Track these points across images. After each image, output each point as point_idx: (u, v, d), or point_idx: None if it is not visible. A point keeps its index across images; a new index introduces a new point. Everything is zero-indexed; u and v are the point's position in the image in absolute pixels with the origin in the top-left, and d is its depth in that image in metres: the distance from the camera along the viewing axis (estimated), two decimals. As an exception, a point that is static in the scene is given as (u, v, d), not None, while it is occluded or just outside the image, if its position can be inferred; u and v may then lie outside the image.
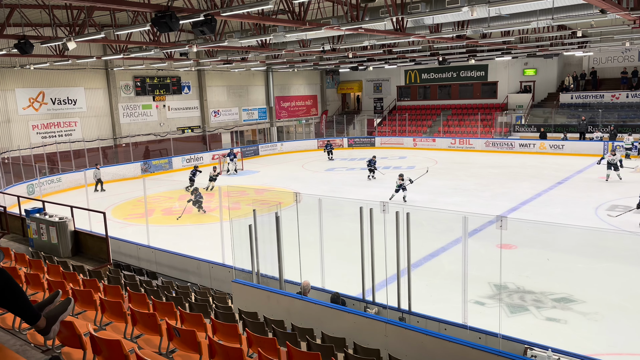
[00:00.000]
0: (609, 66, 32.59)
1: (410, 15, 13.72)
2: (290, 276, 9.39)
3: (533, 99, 34.65)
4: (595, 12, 13.64)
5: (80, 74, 26.32)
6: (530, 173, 23.12)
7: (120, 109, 28.36)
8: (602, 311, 9.23)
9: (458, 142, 32.72)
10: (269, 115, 38.00)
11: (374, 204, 7.96)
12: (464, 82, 37.81)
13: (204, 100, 32.91)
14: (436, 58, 28.47)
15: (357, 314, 7.31)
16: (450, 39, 19.50)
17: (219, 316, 6.91)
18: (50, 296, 3.04)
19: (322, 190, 20.54)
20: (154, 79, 29.81)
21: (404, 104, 40.65)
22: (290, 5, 14.06)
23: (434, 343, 6.32)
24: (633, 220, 14.73)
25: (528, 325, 8.81)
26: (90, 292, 6.32)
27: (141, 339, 5.56)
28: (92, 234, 11.92)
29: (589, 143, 28.18)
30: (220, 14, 11.62)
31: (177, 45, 19.08)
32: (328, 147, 31.33)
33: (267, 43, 20.86)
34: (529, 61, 34.31)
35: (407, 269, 7.87)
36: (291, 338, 6.10)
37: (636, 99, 30.41)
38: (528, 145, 29.97)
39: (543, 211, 16.24)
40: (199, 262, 11.75)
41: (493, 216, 6.83)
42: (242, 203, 17.31)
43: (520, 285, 10.41)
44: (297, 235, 9.34)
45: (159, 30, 11.21)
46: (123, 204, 20.17)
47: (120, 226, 16.19)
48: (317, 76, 41.99)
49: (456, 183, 21.52)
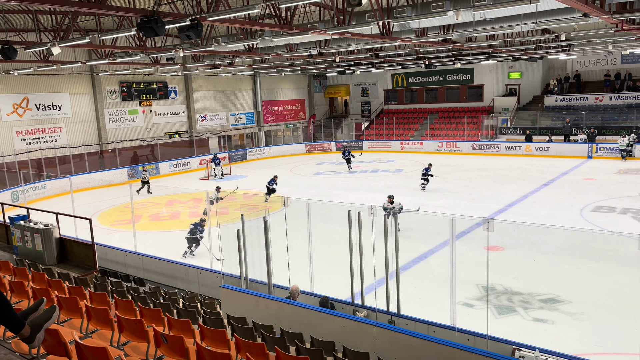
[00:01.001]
0: (592, 69, 33.09)
1: (396, 20, 13.80)
2: (279, 281, 9.37)
3: (518, 102, 35.03)
4: (578, 15, 13.86)
5: (65, 79, 26.07)
6: (517, 175, 23.34)
7: (106, 114, 28.12)
8: (588, 311, 9.33)
9: (445, 145, 32.94)
10: (256, 119, 37.94)
11: (362, 207, 7.98)
12: (450, 86, 38.12)
13: (191, 105, 32.77)
14: (422, 62, 28.68)
15: (346, 318, 7.31)
16: (436, 43, 19.66)
17: (207, 322, 6.86)
18: (35, 304, 3.00)
19: (311, 194, 20.54)
20: (140, 84, 29.62)
21: (391, 107, 40.85)
22: (276, 9, 14.07)
23: (422, 345, 6.33)
24: (618, 221, 14.94)
25: (516, 326, 8.87)
26: (75, 299, 6.23)
27: (128, 346, 5.50)
28: (78, 241, 11.78)
29: (574, 145, 28.54)
30: (207, 19, 11.60)
31: (164, 50, 18.99)
32: (346, 155, 27.54)
33: (254, 47, 20.85)
34: (514, 64, 34.71)
35: (395, 272, 7.89)
36: (280, 343, 6.07)
37: (619, 101, 30.89)
38: (514, 148, 30.26)
39: (529, 213, 16.40)
40: (187, 267, 11.67)
41: (480, 218, 6.89)
42: (230, 208, 17.24)
43: (508, 286, 10.49)
44: (286, 240, 9.33)
45: (145, 35, 11.15)
46: (109, 210, 19.97)
47: (106, 232, 16.03)
48: (305, 80, 42.04)
49: (444, 186, 21.65)
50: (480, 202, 18.18)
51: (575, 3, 10.96)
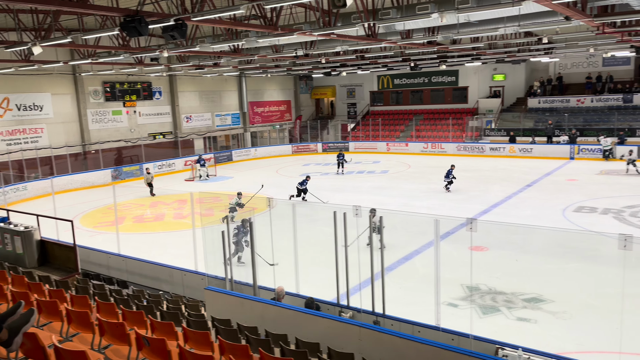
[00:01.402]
0: (574, 72, 33.57)
1: (382, 21, 13.86)
2: (264, 282, 9.33)
3: (502, 103, 35.39)
4: (560, 19, 14.04)
5: (46, 79, 25.69)
6: (501, 176, 23.57)
7: (89, 114, 27.77)
8: (570, 310, 9.44)
9: (430, 147, 33.15)
10: (242, 120, 37.79)
11: (348, 208, 7.98)
12: (436, 88, 38.38)
13: (176, 106, 32.52)
14: (408, 64, 28.83)
15: (331, 319, 7.29)
16: (421, 45, 19.77)
17: (191, 324, 6.79)
18: (13, 307, 2.95)
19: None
20: (124, 84, 29.31)
21: (377, 109, 41.00)
22: (262, 10, 14.03)
23: (407, 345, 6.34)
24: (600, 221, 15.16)
25: (500, 325, 8.94)
26: (55, 302, 6.13)
27: (109, 349, 5.42)
28: (59, 243, 11.60)
29: (556, 146, 28.92)
30: (191, 19, 11.52)
31: (148, 50, 18.82)
32: (340, 158, 26.57)
33: (239, 48, 20.77)
34: (498, 67, 35.06)
35: (381, 273, 7.90)
36: (264, 344, 6.04)
37: (600, 103, 31.38)
38: (498, 149, 30.56)
39: (513, 213, 16.56)
40: (171, 269, 11.55)
41: (464, 219, 6.93)
42: (216, 209, 17.13)
43: (492, 286, 10.57)
44: (271, 241, 9.29)
45: (128, 35, 11.03)
46: (92, 211, 19.72)
47: (89, 235, 15.81)
48: (291, 81, 42.00)
49: (429, 187, 21.77)
50: (465, 203, 18.31)
51: (557, 6, 11.11)
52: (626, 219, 15.30)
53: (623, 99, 30.61)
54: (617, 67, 31.98)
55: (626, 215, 15.62)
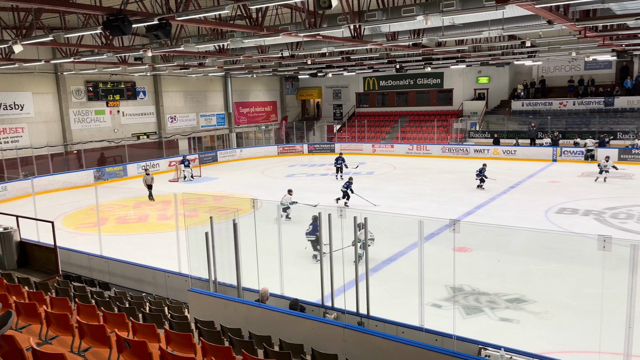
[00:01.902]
0: (557, 75, 34.05)
1: (367, 23, 13.90)
2: (248, 284, 9.27)
3: (487, 106, 35.75)
4: (543, 23, 14.23)
5: (27, 78, 25.27)
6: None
7: (72, 114, 27.39)
8: (551, 310, 9.55)
9: (415, 148, 33.33)
10: (227, 121, 37.61)
11: (332, 209, 7.97)
12: (421, 90, 38.63)
13: (160, 106, 32.24)
14: (393, 65, 28.98)
15: (315, 320, 7.28)
16: (406, 47, 19.88)
17: (174, 326, 6.72)
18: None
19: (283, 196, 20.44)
20: (108, 83, 28.98)
21: (362, 110, 41.12)
22: (247, 10, 13.98)
23: (391, 346, 6.36)
24: (581, 223, 15.37)
25: (483, 326, 9.01)
26: (35, 304, 6.02)
27: (89, 352, 5.34)
28: (39, 245, 11.41)
29: (539, 149, 29.29)
30: (176, 19, 11.43)
31: (132, 50, 18.63)
32: (339, 162, 24.53)
33: (224, 48, 20.67)
34: (482, 69, 35.42)
35: (365, 274, 7.91)
36: (248, 346, 6.00)
37: (582, 106, 31.87)
38: (482, 151, 30.84)
39: (497, 214, 16.72)
40: (154, 271, 11.43)
41: (448, 220, 6.96)
42: (200, 210, 17.00)
43: (476, 287, 10.65)
44: (255, 242, 9.24)
45: (111, 34, 10.91)
46: (74, 212, 19.44)
47: (71, 236, 15.60)
48: (277, 82, 41.93)
49: (414, 188, 21.88)
50: (450, 204, 18.44)
51: (540, 10, 11.25)
52: (607, 220, 15.55)
53: (604, 102, 31.14)
54: (599, 71, 32.51)
55: (607, 217, 15.87)
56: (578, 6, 13.18)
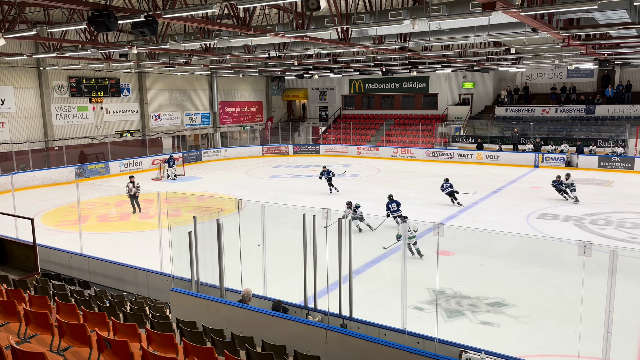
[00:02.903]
0: (540, 82, 34.58)
1: (355, 26, 13.94)
2: (231, 284, 9.22)
3: (471, 111, 36.13)
4: (528, 30, 14.45)
5: (9, 72, 24.82)
6: (468, 182, 23.99)
7: (54, 110, 26.97)
8: (532, 314, 9.68)
9: (400, 152, 33.53)
10: (212, 120, 37.40)
11: (317, 211, 7.97)
12: (406, 93, 38.89)
13: (145, 104, 31.92)
14: (380, 69, 29.13)
15: (298, 321, 7.27)
16: (393, 51, 20.00)
17: (155, 326, 6.66)
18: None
19: (267, 197, 20.40)
20: (91, 79, 28.60)
21: (348, 112, 41.24)
22: (235, 10, 13.93)
23: (373, 348, 6.38)
24: (561, 228, 15.61)
25: (464, 329, 9.08)
26: (13, 302, 5.91)
27: (69, 351, 5.26)
28: (17, 242, 11.20)
29: (522, 154, 29.70)
30: (162, 16, 11.34)
31: (116, 46, 18.42)
32: (326, 175, 21.67)
33: (211, 47, 20.55)
34: (467, 75, 35.79)
35: (349, 276, 7.92)
36: (230, 347, 5.97)
37: (564, 113, 32.40)
38: (466, 156, 31.16)
39: (480, 219, 16.90)
40: (136, 270, 11.30)
41: (432, 223, 7.01)
42: (183, 210, 16.86)
43: (457, 290, 10.74)
44: (239, 243, 9.20)
45: (96, 30, 10.77)
46: (54, 209, 19.14)
47: (50, 233, 15.34)
48: (263, 82, 41.83)
49: (398, 191, 21.95)
50: (433, 208, 18.58)
51: (525, 18, 11.41)
52: (586, 226, 15.82)
53: (586, 110, 31.69)
54: (581, 79, 33.10)
55: (586, 223, 16.15)
56: (562, 15, 13.40)
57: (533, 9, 10.57)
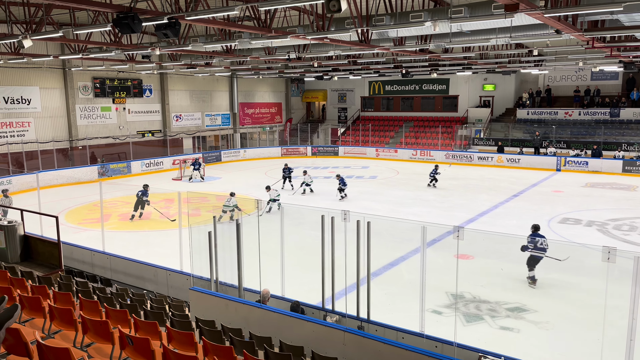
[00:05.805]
0: (563, 84, 34.02)
1: (375, 28, 13.91)
2: (250, 284, 9.29)
3: (492, 113, 35.73)
4: (551, 32, 14.24)
5: (35, 72, 25.41)
6: (488, 185, 23.76)
7: (78, 110, 27.51)
8: (552, 320, 9.54)
9: (419, 154, 33.33)
10: (232, 121, 37.69)
11: (336, 212, 7.99)
12: (426, 95, 38.64)
13: (166, 104, 32.34)
14: (399, 70, 28.99)
15: (316, 323, 7.29)
16: (413, 52, 19.91)
17: (175, 324, 6.75)
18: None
19: (285, 198, 20.48)
20: (114, 80, 29.10)
21: (367, 114, 41.15)
22: (256, 12, 14.03)
23: (391, 351, 6.36)
24: (584, 234, 15.34)
25: (483, 334, 9.00)
26: (39, 298, 6.06)
27: (92, 347, 5.36)
28: (43, 239, 11.45)
29: (543, 158, 29.25)
30: (185, 18, 11.49)
31: (139, 48, 18.70)
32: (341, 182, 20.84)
33: (232, 49, 20.73)
34: (489, 77, 35.41)
35: (366, 278, 7.91)
36: (248, 347, 6.02)
37: (588, 116, 31.82)
38: (486, 159, 30.82)
39: (499, 223, 16.70)
40: (156, 269, 11.47)
41: (451, 226, 6.97)
42: (203, 210, 17.06)
43: (476, 294, 10.64)
44: (258, 243, 9.27)
45: (121, 32, 10.96)
46: (77, 208, 19.51)
47: (73, 231, 15.64)
48: (282, 84, 42.00)
49: (416, 194, 21.87)
50: (452, 211, 18.43)
51: (548, 19, 11.27)
52: (609, 231, 15.51)
53: (610, 113, 31.09)
54: (605, 82, 32.47)
55: (610, 228, 15.84)
56: (587, 16, 13.18)
57: (557, 11, 10.42)
